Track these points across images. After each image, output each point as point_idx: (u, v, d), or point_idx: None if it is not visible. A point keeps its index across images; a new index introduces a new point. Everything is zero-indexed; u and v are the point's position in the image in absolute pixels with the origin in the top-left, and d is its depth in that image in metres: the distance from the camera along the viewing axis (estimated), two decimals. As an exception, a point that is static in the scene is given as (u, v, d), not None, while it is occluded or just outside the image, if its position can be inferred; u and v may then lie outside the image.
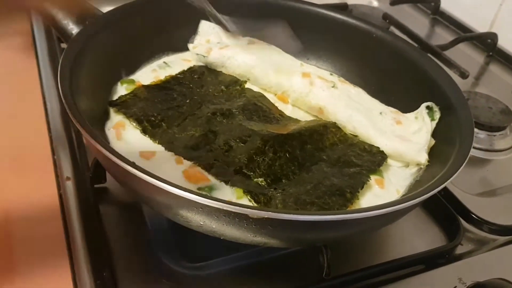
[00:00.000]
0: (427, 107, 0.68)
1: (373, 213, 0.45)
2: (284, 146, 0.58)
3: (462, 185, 0.71)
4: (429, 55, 0.78)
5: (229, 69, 0.74)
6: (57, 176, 0.63)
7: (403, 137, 0.66)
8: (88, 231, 0.57)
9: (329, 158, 0.60)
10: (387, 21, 1.10)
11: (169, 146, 0.59)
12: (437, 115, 0.66)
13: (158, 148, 0.59)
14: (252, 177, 0.56)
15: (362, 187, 0.57)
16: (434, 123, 0.66)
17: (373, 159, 0.62)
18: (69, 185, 0.62)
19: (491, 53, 1.09)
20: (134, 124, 0.61)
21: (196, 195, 0.42)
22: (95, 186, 0.62)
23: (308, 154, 0.60)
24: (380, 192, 0.60)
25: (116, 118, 0.62)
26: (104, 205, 0.61)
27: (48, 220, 0.58)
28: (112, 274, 0.53)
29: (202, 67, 0.74)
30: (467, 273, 0.58)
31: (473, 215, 0.66)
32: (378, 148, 0.64)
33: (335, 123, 0.66)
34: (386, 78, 0.75)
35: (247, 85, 0.73)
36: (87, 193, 0.61)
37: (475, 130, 0.60)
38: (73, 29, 0.62)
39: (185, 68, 0.73)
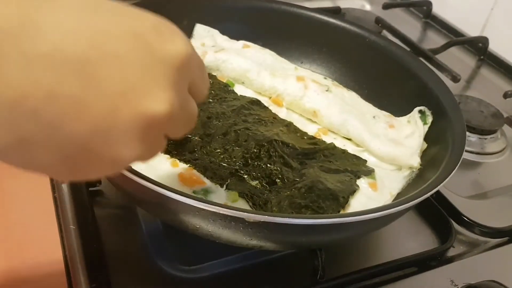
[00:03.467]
0: (420, 111, 0.68)
1: (367, 217, 0.46)
2: (278, 152, 0.59)
3: (454, 187, 0.72)
4: (421, 59, 0.79)
5: (224, 72, 0.74)
6: (51, 178, 0.63)
7: (396, 141, 0.66)
8: (83, 233, 0.57)
9: (322, 166, 0.61)
10: (380, 25, 1.11)
11: (165, 149, 0.59)
12: (430, 119, 0.67)
13: (154, 151, 0.59)
14: (247, 180, 0.56)
15: (353, 194, 0.58)
16: (426, 127, 0.67)
17: (361, 169, 0.63)
18: (64, 188, 0.62)
19: (482, 57, 1.11)
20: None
21: (192, 199, 0.43)
22: (90, 189, 0.62)
23: (301, 161, 0.60)
24: (374, 195, 0.61)
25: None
26: (99, 208, 0.61)
27: (43, 223, 0.58)
28: (107, 277, 0.53)
29: (197, 70, 0.75)
30: (459, 275, 0.59)
31: (464, 218, 0.67)
32: (365, 161, 0.65)
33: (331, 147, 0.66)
34: (379, 82, 0.76)
35: (241, 89, 0.73)
36: (82, 196, 0.61)
37: (467, 133, 0.61)
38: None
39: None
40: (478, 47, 1.11)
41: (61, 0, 0.28)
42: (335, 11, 1.13)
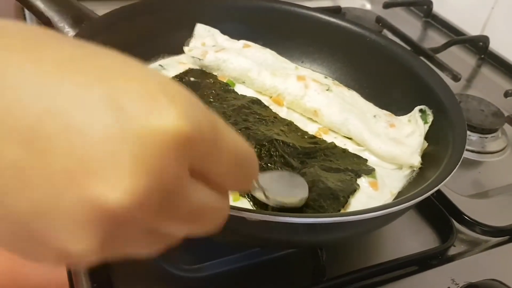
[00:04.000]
0: (420, 110, 0.68)
1: (368, 216, 0.46)
2: (279, 151, 0.59)
3: (454, 186, 0.72)
4: (421, 58, 0.79)
5: (224, 72, 0.74)
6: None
7: (396, 140, 0.66)
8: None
9: (322, 165, 0.61)
10: (380, 24, 1.11)
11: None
12: (430, 118, 0.67)
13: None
14: (248, 179, 0.56)
15: (353, 193, 0.58)
16: (427, 126, 0.67)
17: (362, 168, 0.63)
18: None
19: (483, 56, 1.11)
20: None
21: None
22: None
23: (301, 160, 0.61)
24: (374, 194, 0.61)
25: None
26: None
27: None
28: (108, 276, 0.53)
29: (198, 70, 0.75)
30: (460, 274, 0.59)
31: (465, 217, 0.67)
32: (366, 160, 0.65)
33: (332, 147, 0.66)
34: (379, 81, 0.76)
35: (242, 88, 0.74)
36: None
37: (467, 132, 0.61)
38: (69, 32, 0.62)
39: (181, 71, 0.73)
40: (479, 46, 1.11)
41: (46, 48, 0.25)
42: (336, 11, 1.13)
